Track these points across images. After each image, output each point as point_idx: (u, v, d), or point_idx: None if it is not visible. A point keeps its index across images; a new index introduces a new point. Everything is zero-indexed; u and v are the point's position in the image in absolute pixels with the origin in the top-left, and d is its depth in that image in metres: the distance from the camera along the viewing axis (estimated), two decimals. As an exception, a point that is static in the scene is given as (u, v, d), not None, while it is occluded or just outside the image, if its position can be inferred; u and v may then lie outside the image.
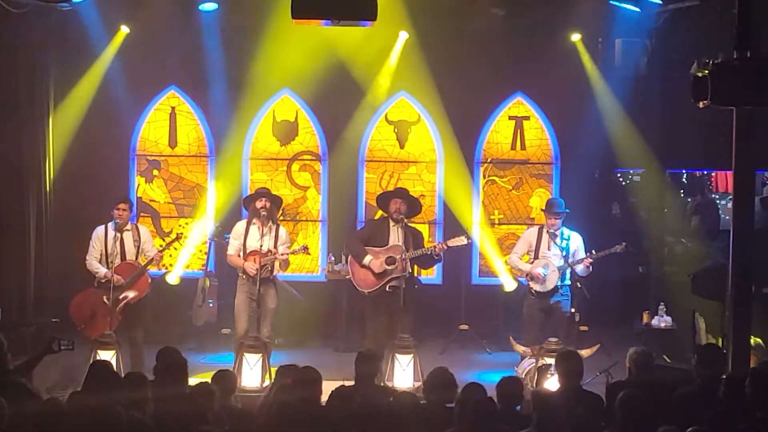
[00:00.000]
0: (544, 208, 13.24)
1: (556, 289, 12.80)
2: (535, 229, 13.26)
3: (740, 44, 8.99)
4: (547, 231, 12.95)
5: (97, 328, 12.38)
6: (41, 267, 15.30)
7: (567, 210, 13.07)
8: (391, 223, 12.70)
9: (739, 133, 10.18)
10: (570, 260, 12.76)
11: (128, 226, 12.91)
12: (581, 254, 12.82)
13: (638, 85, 15.44)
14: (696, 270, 14.42)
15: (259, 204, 12.63)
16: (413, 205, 13.03)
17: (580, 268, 12.73)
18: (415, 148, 16.70)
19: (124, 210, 12.83)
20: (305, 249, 13.03)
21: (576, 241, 12.92)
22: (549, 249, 12.88)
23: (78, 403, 8.01)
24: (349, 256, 13.01)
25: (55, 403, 7.99)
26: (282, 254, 12.57)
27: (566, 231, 12.93)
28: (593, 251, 12.80)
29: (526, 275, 13.00)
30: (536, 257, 12.96)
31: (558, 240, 12.82)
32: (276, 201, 12.98)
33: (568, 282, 12.87)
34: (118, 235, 12.74)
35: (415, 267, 13.05)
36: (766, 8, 10.74)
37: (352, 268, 12.86)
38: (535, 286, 12.87)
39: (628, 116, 15.76)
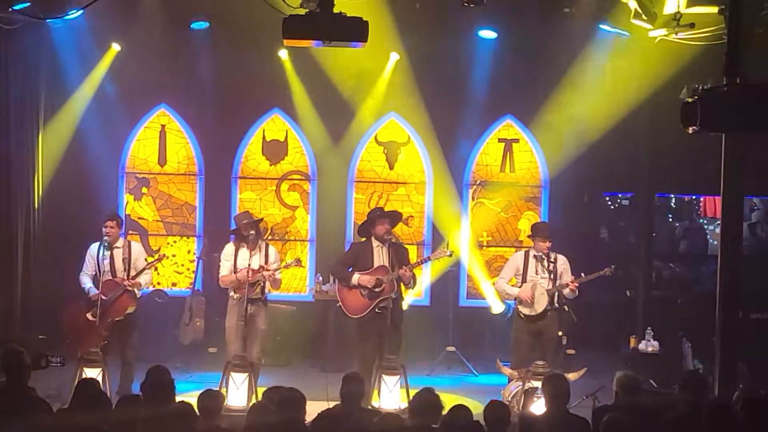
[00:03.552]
0: (531, 234, 13.20)
1: (545, 312, 12.79)
2: (522, 253, 13.24)
3: (729, 70, 9.02)
4: (534, 255, 12.95)
5: (83, 344, 12.30)
6: (28, 283, 15.26)
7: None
8: (375, 244, 12.64)
9: (728, 159, 10.23)
10: (558, 283, 12.77)
11: (119, 243, 12.83)
12: (568, 276, 12.82)
13: (627, 109, 15.45)
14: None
15: (245, 232, 12.60)
16: (395, 218, 13.04)
17: (567, 291, 12.74)
18: (405, 169, 16.73)
19: (112, 227, 12.78)
20: (298, 262, 13.03)
21: (563, 264, 12.91)
22: (536, 272, 12.88)
23: (63, 420, 7.97)
24: (337, 283, 13.01)
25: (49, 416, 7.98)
26: (274, 270, 12.56)
27: (552, 254, 12.92)
28: (582, 274, 12.80)
29: (515, 299, 13.00)
30: (524, 281, 12.95)
31: (545, 263, 12.83)
32: (256, 225, 12.93)
33: (556, 305, 12.88)
34: (108, 252, 12.71)
35: (402, 287, 13.00)
36: (755, 35, 10.82)
37: (340, 295, 12.78)
38: (524, 310, 12.85)
39: (618, 140, 15.80)
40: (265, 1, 10.35)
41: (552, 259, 12.85)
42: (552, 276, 12.77)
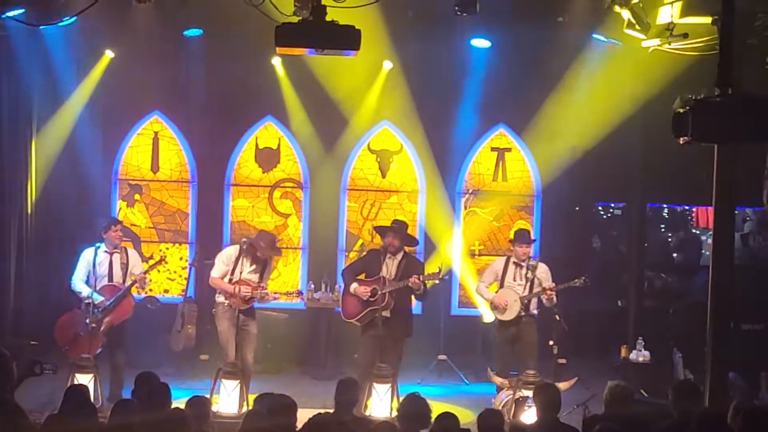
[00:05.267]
0: (512, 239, 13.29)
1: (518, 318, 12.89)
2: (503, 258, 13.38)
3: (722, 81, 9.03)
4: (513, 261, 13.05)
5: (80, 350, 12.30)
6: (21, 289, 15.22)
7: (534, 238, 13.13)
8: (387, 254, 12.69)
9: (720, 170, 10.23)
10: (535, 290, 12.85)
11: (117, 248, 12.87)
12: (547, 284, 12.89)
13: (620, 119, 15.47)
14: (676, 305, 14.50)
15: (261, 254, 12.61)
16: (407, 241, 13.02)
17: (544, 299, 12.84)
18: (397, 177, 16.74)
19: (121, 231, 12.89)
20: (300, 293, 13.26)
21: (542, 272, 12.99)
22: (515, 279, 12.99)
23: (54, 427, 7.95)
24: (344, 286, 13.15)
25: (31, 426, 7.94)
26: (274, 293, 12.68)
27: (533, 261, 13.03)
28: (554, 283, 12.89)
29: (490, 303, 13.13)
30: (501, 286, 13.09)
31: (524, 270, 12.93)
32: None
33: (534, 311, 13.01)
34: (107, 257, 12.72)
35: (412, 298, 13.02)
36: (748, 45, 10.84)
37: (342, 297, 13.03)
38: (498, 315, 13.02)
39: (610, 150, 15.83)
40: (258, 9, 10.34)
41: (532, 267, 12.94)
42: (529, 283, 12.87)
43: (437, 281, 12.91)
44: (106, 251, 12.76)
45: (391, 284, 12.47)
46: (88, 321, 12.42)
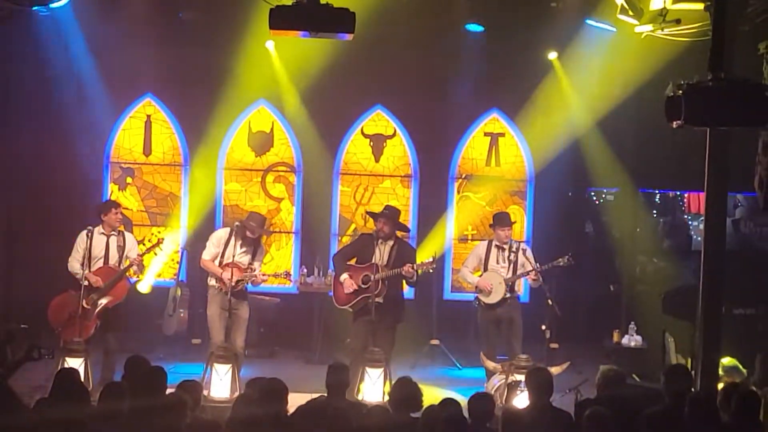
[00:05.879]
0: (492, 223, 13.42)
1: (504, 300, 12.95)
2: (485, 242, 13.46)
3: (714, 66, 9.03)
4: (495, 244, 13.08)
5: (73, 331, 12.26)
6: (11, 273, 15.21)
7: (515, 221, 13.54)
8: (379, 240, 12.67)
9: (712, 154, 10.25)
10: (519, 272, 12.89)
11: (115, 231, 12.84)
12: (530, 266, 12.93)
13: (613, 104, 15.48)
14: (667, 289, 14.50)
15: (251, 234, 12.62)
16: (398, 227, 13.01)
17: (530, 281, 12.93)
18: (390, 162, 16.74)
19: (122, 214, 12.93)
20: (288, 275, 13.19)
21: (525, 253, 13.04)
22: (497, 262, 13.06)
23: (43, 411, 7.95)
24: (334, 271, 13.14)
25: (24, 410, 7.94)
26: (263, 275, 12.67)
27: (515, 243, 13.09)
28: (538, 264, 12.94)
29: (475, 287, 13.14)
30: (485, 270, 13.16)
31: (506, 253, 12.98)
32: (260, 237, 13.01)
33: (518, 293, 13.22)
34: (104, 239, 12.69)
35: (403, 283, 13.02)
36: (739, 33, 10.83)
37: (334, 283, 13.00)
38: (483, 299, 13.08)
39: (603, 135, 15.85)
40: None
41: (514, 249, 12.99)
42: (512, 266, 12.92)
43: (431, 270, 12.92)
44: (103, 233, 12.72)
45: (383, 271, 12.47)
46: (84, 303, 12.40)
